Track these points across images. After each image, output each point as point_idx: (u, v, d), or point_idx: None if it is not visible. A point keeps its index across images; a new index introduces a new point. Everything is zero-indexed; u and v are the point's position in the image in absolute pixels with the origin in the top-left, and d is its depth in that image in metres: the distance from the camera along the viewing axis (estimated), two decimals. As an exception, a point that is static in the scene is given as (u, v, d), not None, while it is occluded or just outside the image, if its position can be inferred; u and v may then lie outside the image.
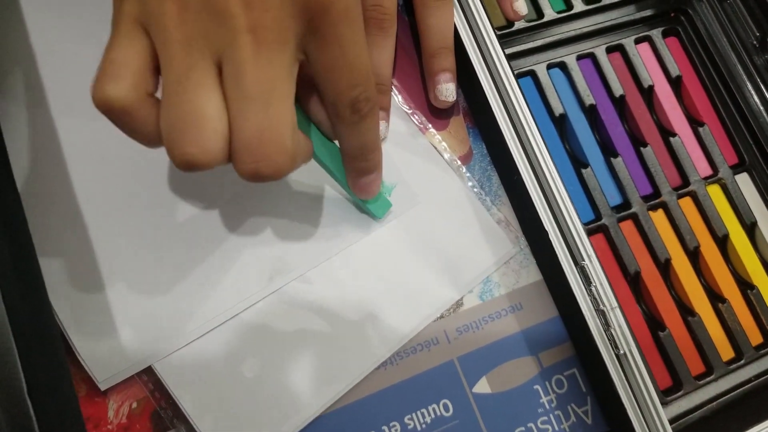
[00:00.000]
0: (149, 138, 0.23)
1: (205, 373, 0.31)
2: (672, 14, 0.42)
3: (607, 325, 0.32)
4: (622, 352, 0.31)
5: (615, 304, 0.31)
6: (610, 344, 0.31)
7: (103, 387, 0.30)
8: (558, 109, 0.39)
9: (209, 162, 0.22)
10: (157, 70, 0.23)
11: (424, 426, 0.32)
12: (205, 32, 0.21)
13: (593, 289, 0.32)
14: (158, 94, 0.23)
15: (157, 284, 0.31)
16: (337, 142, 0.29)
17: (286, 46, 0.22)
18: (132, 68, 0.22)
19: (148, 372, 0.31)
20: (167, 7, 0.21)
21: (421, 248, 0.34)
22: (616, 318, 0.31)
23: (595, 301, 0.32)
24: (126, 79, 0.22)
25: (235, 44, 0.21)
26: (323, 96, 0.26)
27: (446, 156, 0.36)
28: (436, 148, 0.36)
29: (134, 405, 0.30)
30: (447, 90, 0.35)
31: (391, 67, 0.35)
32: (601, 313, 0.32)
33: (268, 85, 0.22)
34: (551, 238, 0.33)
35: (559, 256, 0.32)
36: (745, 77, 0.41)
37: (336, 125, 0.27)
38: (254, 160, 0.22)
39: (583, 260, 0.32)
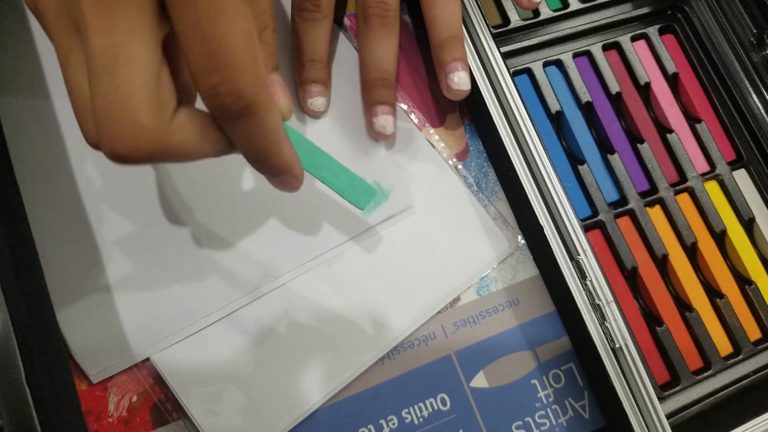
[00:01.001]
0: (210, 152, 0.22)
1: (203, 367, 0.31)
2: (668, 12, 0.43)
3: (602, 319, 0.32)
4: (617, 346, 0.31)
5: (610, 298, 0.32)
6: (606, 338, 0.32)
7: (94, 380, 0.30)
8: (554, 107, 0.39)
9: (94, 145, 0.21)
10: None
11: (421, 420, 0.32)
12: (63, 6, 0.20)
13: (588, 283, 0.32)
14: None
15: (152, 281, 0.32)
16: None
17: (130, 6, 0.19)
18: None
19: (148, 366, 0.31)
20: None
21: (419, 245, 0.35)
22: (612, 312, 0.32)
23: (591, 296, 0.32)
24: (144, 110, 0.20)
25: (78, 7, 0.19)
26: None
27: (443, 153, 0.37)
28: (433, 145, 0.37)
29: (134, 398, 0.31)
30: (460, 79, 0.34)
31: (395, 62, 0.35)
32: (597, 308, 0.32)
33: (111, 51, 0.19)
34: (546, 234, 0.33)
35: (554, 250, 0.33)
36: (742, 74, 0.41)
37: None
38: (107, 137, 0.19)
39: (579, 255, 0.32)
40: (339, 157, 0.29)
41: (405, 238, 0.35)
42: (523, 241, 0.36)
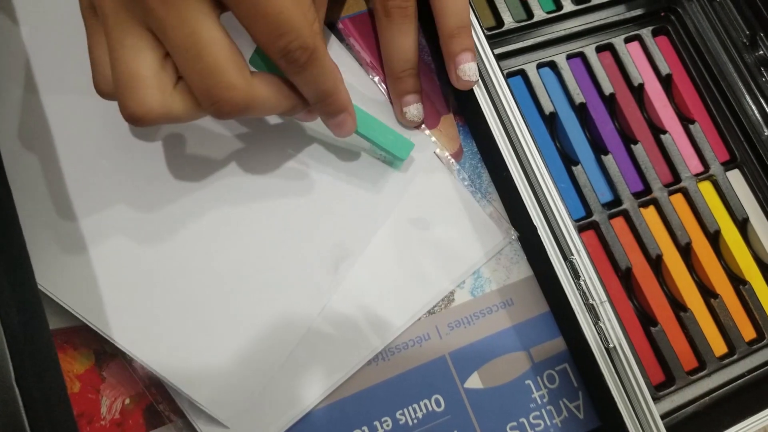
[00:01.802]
0: (195, 118, 0.27)
1: (200, 368, 0.31)
2: (662, 13, 0.43)
3: (596, 319, 0.32)
4: (611, 345, 0.31)
5: (604, 298, 0.32)
6: (600, 338, 0.32)
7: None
8: (548, 108, 0.39)
9: (148, 114, 0.25)
10: (166, 60, 0.25)
11: (415, 421, 0.32)
12: (123, 3, 0.24)
13: (582, 283, 0.32)
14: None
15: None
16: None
17: (191, 2, 0.23)
18: (145, 75, 0.25)
19: (142, 367, 0.31)
20: None
21: (414, 240, 0.35)
22: (606, 312, 0.32)
23: (584, 296, 0.32)
24: (107, 71, 0.25)
25: (147, 10, 0.23)
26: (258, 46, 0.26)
27: (438, 152, 0.37)
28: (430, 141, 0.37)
29: (127, 401, 0.31)
30: (470, 70, 0.34)
31: (416, 51, 0.35)
32: (591, 308, 0.32)
33: (190, 39, 0.24)
34: (540, 233, 0.33)
35: (547, 250, 0.33)
36: (735, 75, 0.41)
37: (284, 74, 0.27)
38: (211, 102, 0.25)
39: (572, 255, 0.32)
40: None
41: (400, 233, 0.35)
42: (517, 234, 0.36)
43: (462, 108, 0.38)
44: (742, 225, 0.39)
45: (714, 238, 0.39)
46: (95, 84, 0.27)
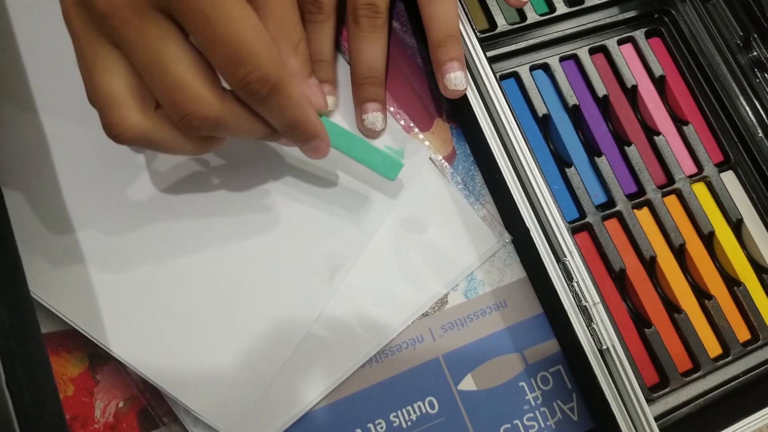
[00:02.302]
0: (179, 149, 0.27)
1: (194, 370, 0.31)
2: (655, 15, 0.43)
3: (589, 320, 0.32)
4: (605, 347, 0.31)
5: (597, 299, 0.32)
6: (593, 340, 0.32)
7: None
8: (541, 110, 0.39)
9: (124, 132, 0.24)
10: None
11: (409, 423, 0.32)
12: (90, 21, 0.23)
13: (575, 285, 0.32)
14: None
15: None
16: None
17: (150, 18, 0.23)
18: (121, 93, 0.25)
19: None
20: (67, 3, 0.24)
21: (408, 244, 0.35)
22: (599, 313, 0.32)
23: (577, 297, 0.32)
24: (123, 107, 0.25)
25: (111, 28, 0.23)
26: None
27: (432, 155, 0.37)
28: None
29: (121, 404, 0.31)
30: (456, 79, 0.34)
31: (384, 61, 0.35)
32: (584, 309, 0.32)
33: (155, 56, 0.23)
34: (533, 235, 0.33)
35: (540, 252, 0.33)
36: (729, 76, 0.42)
37: (247, 104, 0.26)
38: (180, 116, 0.24)
39: (565, 257, 0.32)
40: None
41: (394, 237, 0.35)
42: (510, 237, 0.36)
43: (455, 111, 0.38)
44: (737, 226, 0.39)
45: (708, 239, 0.39)
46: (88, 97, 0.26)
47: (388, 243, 0.35)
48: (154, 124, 0.25)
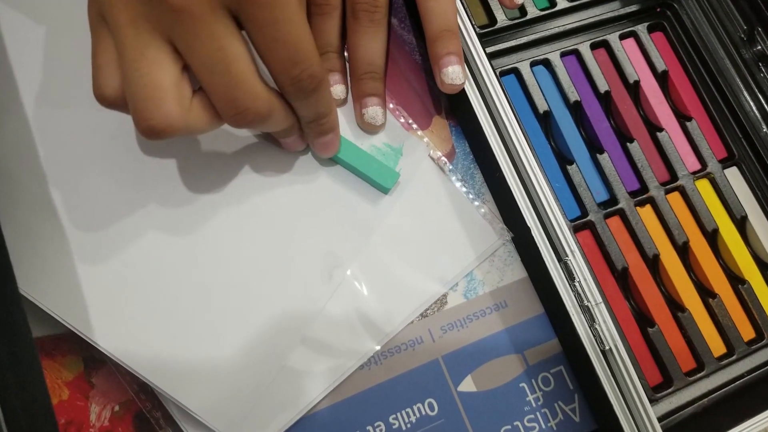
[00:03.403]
0: (210, 129, 0.27)
1: (189, 371, 0.31)
2: (657, 9, 0.42)
3: (591, 320, 0.31)
4: (607, 347, 0.31)
5: (599, 299, 0.31)
6: (596, 340, 0.31)
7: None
8: (542, 107, 0.39)
9: (169, 127, 0.25)
10: (185, 72, 0.26)
11: (409, 425, 0.32)
12: (146, 14, 0.24)
13: (577, 284, 0.31)
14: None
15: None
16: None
17: (219, 16, 0.24)
18: (114, 66, 0.26)
19: (133, 374, 0.30)
20: None
21: (408, 242, 0.34)
22: (601, 313, 0.31)
23: (579, 297, 0.32)
24: (111, 78, 0.26)
25: (173, 25, 0.24)
26: (269, 71, 0.27)
27: (431, 153, 0.36)
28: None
29: (116, 408, 0.30)
30: (454, 73, 0.33)
31: (383, 56, 0.35)
32: (586, 309, 0.31)
33: (220, 53, 0.24)
34: (533, 234, 0.32)
35: (541, 252, 0.32)
36: (733, 71, 0.41)
37: (286, 97, 0.28)
38: (236, 112, 0.26)
39: (567, 256, 0.32)
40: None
41: (394, 236, 0.34)
42: (511, 235, 0.35)
43: (454, 108, 0.38)
44: (741, 223, 0.39)
45: (712, 236, 0.38)
46: (98, 90, 0.26)
47: (386, 242, 0.34)
48: (193, 114, 0.26)
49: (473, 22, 0.35)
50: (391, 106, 0.37)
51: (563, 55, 0.40)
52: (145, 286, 0.31)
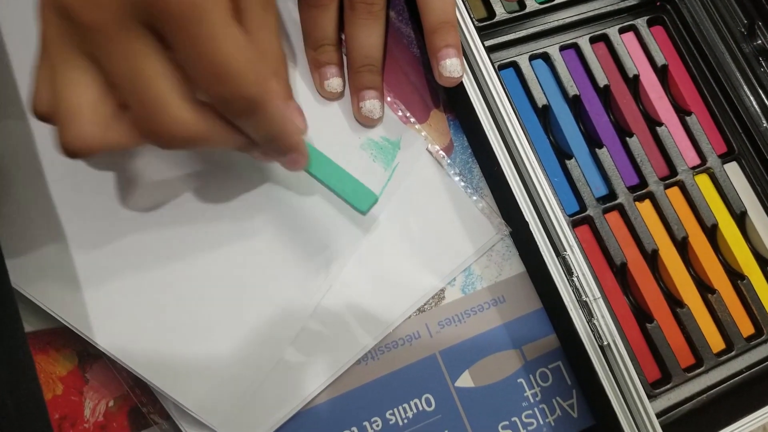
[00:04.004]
0: (134, 147, 0.26)
1: (189, 373, 0.30)
2: (657, 3, 0.42)
3: (590, 316, 0.31)
4: (605, 343, 0.31)
5: (598, 294, 0.31)
6: (594, 335, 0.31)
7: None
8: (541, 100, 0.38)
9: (84, 147, 0.24)
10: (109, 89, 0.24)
11: (406, 421, 0.32)
12: (69, 31, 0.23)
13: (575, 279, 0.31)
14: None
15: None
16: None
17: (134, 33, 0.22)
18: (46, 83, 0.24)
19: (127, 368, 0.30)
20: (40, 8, 0.23)
21: (406, 237, 0.34)
22: (599, 309, 0.31)
23: (578, 292, 0.31)
24: (43, 94, 0.24)
25: (90, 41, 0.23)
26: None
27: (429, 146, 0.36)
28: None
29: (111, 403, 0.30)
30: (452, 66, 0.33)
31: (381, 49, 0.35)
32: (584, 304, 0.31)
33: (135, 73, 0.23)
34: (532, 229, 0.32)
35: (540, 246, 0.32)
36: (733, 65, 0.41)
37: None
38: (153, 136, 0.24)
39: (565, 251, 0.32)
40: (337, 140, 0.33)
41: (392, 230, 0.34)
42: (509, 229, 0.35)
43: (452, 102, 0.37)
44: (740, 218, 0.38)
45: (711, 232, 0.38)
46: (32, 104, 0.25)
47: (383, 236, 0.34)
48: (117, 132, 0.24)
49: (472, 15, 0.35)
50: (388, 99, 0.36)
51: (562, 48, 0.40)
52: (140, 282, 0.31)
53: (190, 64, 0.23)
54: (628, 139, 0.38)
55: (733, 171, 0.40)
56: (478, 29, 0.35)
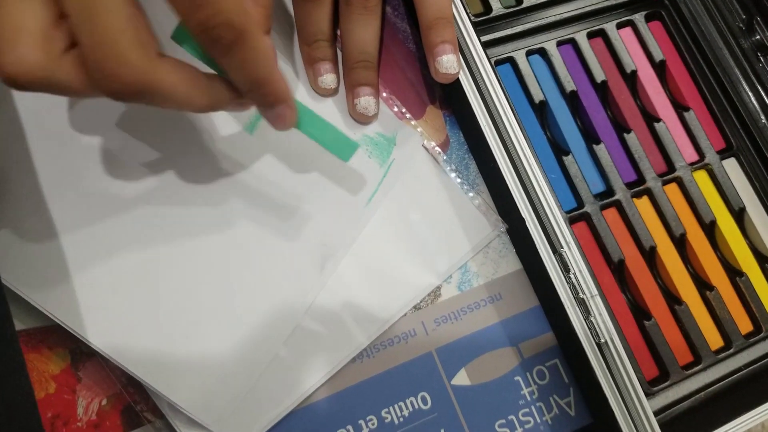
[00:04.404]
0: (85, 92, 0.23)
1: (183, 371, 0.30)
2: (655, -2, 0.42)
3: (587, 313, 0.31)
4: (603, 341, 0.30)
5: (595, 292, 0.31)
6: (591, 333, 0.31)
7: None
8: (538, 96, 0.38)
9: (27, 74, 0.22)
10: (62, 21, 0.22)
11: (401, 419, 0.32)
12: None
13: (572, 276, 0.31)
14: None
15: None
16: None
17: None
18: (30, 30, 0.22)
19: (120, 367, 0.30)
20: None
21: (401, 234, 0.34)
22: (597, 306, 0.31)
23: (575, 289, 0.31)
24: (27, 43, 0.22)
25: None
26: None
27: (425, 142, 0.36)
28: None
29: (104, 402, 0.30)
30: (449, 62, 0.33)
31: (376, 44, 0.34)
32: (581, 302, 0.31)
33: (90, 1, 0.21)
34: (528, 226, 0.32)
35: (536, 243, 0.32)
36: (731, 61, 0.40)
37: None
38: (100, 76, 0.22)
39: (562, 248, 0.31)
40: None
41: (387, 227, 0.34)
42: (505, 226, 0.35)
43: (448, 98, 0.37)
44: (739, 215, 0.38)
45: (709, 228, 0.38)
46: None
47: (379, 233, 0.34)
48: (62, 68, 0.22)
49: (468, 10, 0.34)
50: (384, 94, 0.36)
51: (559, 44, 0.39)
52: (134, 280, 0.31)
53: None
54: (625, 135, 0.38)
55: (732, 167, 0.39)
56: (475, 24, 0.35)
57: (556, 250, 0.31)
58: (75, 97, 0.25)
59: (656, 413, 0.33)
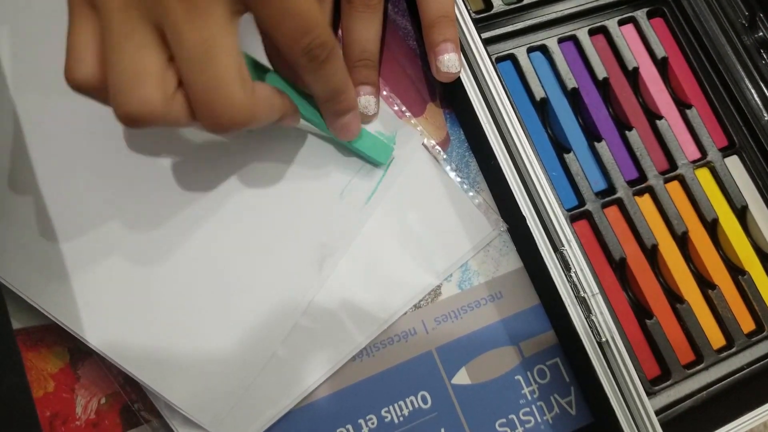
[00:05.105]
0: (188, 126, 0.25)
1: (180, 371, 0.30)
2: (657, -6, 0.41)
3: (588, 312, 0.31)
4: (604, 339, 0.30)
5: (596, 290, 0.31)
6: (592, 332, 0.30)
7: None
8: (539, 94, 0.38)
9: (149, 114, 0.23)
10: (171, 62, 0.24)
11: (401, 419, 0.31)
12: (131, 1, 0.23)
13: (573, 275, 0.31)
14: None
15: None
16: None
17: (216, 4, 0.23)
18: (92, 49, 0.24)
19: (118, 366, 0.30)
20: None
21: (401, 233, 0.34)
22: (598, 305, 0.30)
23: (576, 288, 0.31)
24: (88, 60, 0.24)
25: (166, 9, 0.22)
26: (278, 46, 0.26)
27: (425, 141, 0.36)
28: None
29: (103, 400, 0.30)
30: (450, 61, 0.33)
31: (377, 43, 0.34)
32: (582, 300, 0.31)
33: (204, 45, 0.23)
34: (529, 224, 0.32)
35: (537, 241, 0.31)
36: (734, 58, 0.40)
37: (299, 74, 0.27)
38: (209, 116, 0.24)
39: (563, 246, 0.31)
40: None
41: (387, 226, 0.34)
42: (506, 225, 0.35)
43: (449, 96, 0.37)
44: (741, 213, 0.38)
45: (712, 226, 0.37)
46: (70, 71, 0.25)
47: (379, 232, 0.34)
48: (175, 106, 0.24)
49: (469, 7, 0.34)
50: (384, 93, 0.36)
51: (561, 41, 0.39)
52: (132, 279, 0.31)
53: (276, 20, 0.24)
54: (627, 132, 0.38)
55: (734, 165, 0.39)
56: (476, 21, 0.35)
57: (557, 248, 0.31)
58: (179, 127, 0.27)
59: (657, 412, 0.33)
